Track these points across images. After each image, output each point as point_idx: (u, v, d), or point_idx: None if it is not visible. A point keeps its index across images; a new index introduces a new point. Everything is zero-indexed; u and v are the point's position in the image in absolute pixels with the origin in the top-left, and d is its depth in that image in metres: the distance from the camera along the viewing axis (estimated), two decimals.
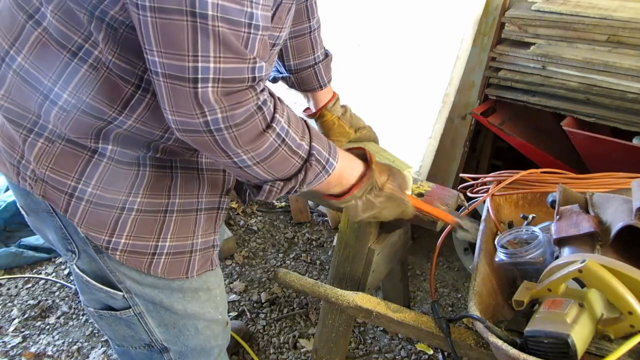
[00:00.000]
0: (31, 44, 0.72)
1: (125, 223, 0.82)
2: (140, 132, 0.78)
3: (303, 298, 1.97)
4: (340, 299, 1.13)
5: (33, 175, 0.78)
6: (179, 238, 0.88)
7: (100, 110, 0.74)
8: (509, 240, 1.12)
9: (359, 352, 1.75)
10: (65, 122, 0.74)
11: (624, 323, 0.82)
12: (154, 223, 0.85)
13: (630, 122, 1.57)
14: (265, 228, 2.39)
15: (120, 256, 0.83)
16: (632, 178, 1.18)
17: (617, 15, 1.54)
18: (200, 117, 0.66)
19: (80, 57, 0.71)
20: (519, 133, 1.81)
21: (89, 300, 0.95)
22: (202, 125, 0.67)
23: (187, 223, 0.89)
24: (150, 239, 0.85)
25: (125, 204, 0.82)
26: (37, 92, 0.74)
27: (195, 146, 0.73)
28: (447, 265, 2.15)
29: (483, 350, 0.98)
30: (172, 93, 0.65)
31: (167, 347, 0.98)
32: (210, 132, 0.68)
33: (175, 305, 0.93)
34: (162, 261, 0.87)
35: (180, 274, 0.90)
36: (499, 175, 1.33)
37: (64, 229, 0.85)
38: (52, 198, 0.80)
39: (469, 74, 1.91)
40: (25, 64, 0.73)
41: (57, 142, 0.76)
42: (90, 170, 0.78)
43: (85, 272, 0.90)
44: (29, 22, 0.72)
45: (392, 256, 1.42)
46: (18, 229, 2.33)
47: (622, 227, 0.94)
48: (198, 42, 0.60)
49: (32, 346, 1.78)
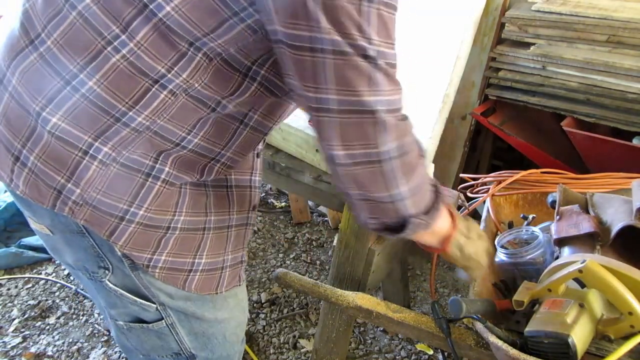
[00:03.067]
0: (107, 70, 0.71)
1: (168, 241, 0.83)
2: (201, 150, 0.80)
3: (303, 298, 1.97)
4: (340, 299, 1.13)
5: (80, 199, 0.76)
6: (213, 255, 0.90)
7: (173, 132, 0.76)
8: (509, 241, 1.13)
9: (359, 352, 1.75)
10: (134, 141, 0.75)
11: (624, 323, 0.82)
12: (193, 241, 0.86)
13: (630, 122, 1.57)
14: (265, 228, 2.39)
15: (159, 274, 0.84)
16: (632, 178, 1.19)
17: (617, 16, 1.54)
18: (376, 148, 0.70)
19: (161, 84, 0.71)
20: (519, 133, 1.81)
21: (120, 314, 0.95)
22: (377, 155, 0.71)
23: (221, 240, 0.90)
24: (188, 256, 0.87)
25: (171, 223, 0.83)
26: (108, 115, 0.73)
27: (350, 181, 0.74)
28: (447, 265, 2.15)
29: (483, 350, 0.98)
30: (347, 127, 0.68)
31: (195, 354, 0.99)
32: (381, 163, 0.71)
33: (206, 315, 0.94)
34: (196, 277, 0.89)
35: (211, 290, 0.91)
36: (499, 175, 1.33)
37: (97, 248, 0.84)
38: (96, 222, 0.78)
39: (469, 74, 1.91)
40: (98, 88, 0.71)
41: (112, 166, 0.75)
42: (144, 194, 0.78)
43: (118, 286, 0.89)
44: (107, 48, 0.70)
45: (392, 256, 1.42)
46: (18, 229, 2.33)
47: (622, 227, 0.94)
48: (372, 78, 0.66)
49: (32, 346, 1.78)
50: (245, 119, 0.82)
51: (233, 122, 0.81)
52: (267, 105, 0.82)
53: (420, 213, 0.79)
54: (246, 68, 0.74)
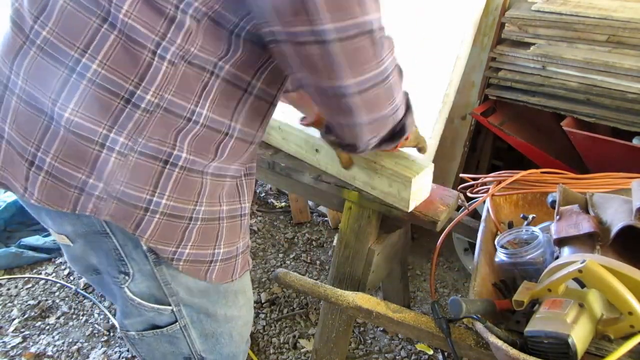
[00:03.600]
0: (107, 49, 0.69)
1: (191, 233, 0.83)
2: (212, 124, 0.78)
3: (303, 298, 1.97)
4: (340, 299, 1.13)
5: (103, 193, 0.75)
6: (228, 244, 0.90)
7: (181, 106, 0.74)
8: (509, 241, 1.13)
9: (359, 352, 1.75)
10: (147, 125, 0.73)
11: (624, 323, 0.82)
12: (213, 231, 0.87)
13: (630, 122, 1.57)
14: (265, 228, 2.39)
15: (183, 266, 0.85)
16: (632, 178, 1.19)
17: (617, 16, 1.54)
18: (380, 66, 0.72)
19: (159, 54, 0.70)
20: (519, 133, 1.81)
21: (134, 323, 0.95)
22: (382, 73, 0.73)
23: (235, 229, 0.91)
24: (209, 247, 0.87)
25: (193, 214, 0.83)
26: (118, 98, 0.71)
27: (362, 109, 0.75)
28: (447, 265, 2.15)
29: (483, 350, 0.98)
30: (352, 54, 0.68)
31: (204, 357, 1.00)
32: (385, 80, 0.74)
33: (218, 311, 0.95)
34: (216, 268, 0.89)
35: (227, 278, 0.92)
36: (499, 175, 1.33)
37: (120, 250, 0.84)
38: (121, 216, 0.78)
39: (469, 74, 1.91)
40: (103, 70, 0.70)
41: (130, 156, 0.74)
42: (164, 181, 0.78)
43: (136, 294, 0.89)
44: (104, 26, 0.69)
45: (392, 256, 1.42)
46: (18, 229, 2.33)
47: (622, 227, 0.94)
48: None
49: (32, 346, 1.78)
50: (249, 88, 0.80)
51: (237, 90, 0.79)
52: (268, 71, 0.81)
53: (408, 113, 0.87)
54: (232, 25, 0.72)
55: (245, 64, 0.77)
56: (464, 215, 1.30)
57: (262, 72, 0.80)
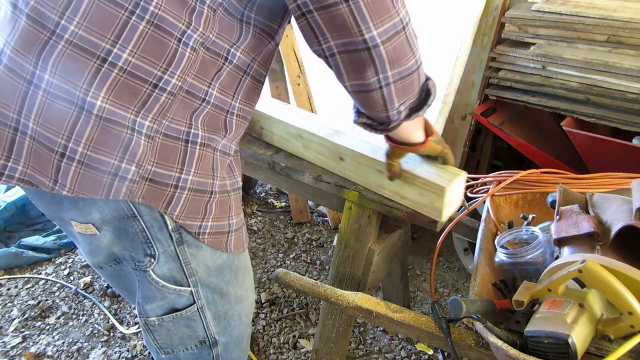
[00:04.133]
0: (137, 39, 0.74)
1: (211, 206, 0.90)
2: (219, 103, 0.86)
3: (303, 298, 1.97)
4: (340, 299, 1.13)
5: (136, 175, 0.80)
6: (237, 214, 0.97)
7: (199, 88, 0.81)
8: (509, 241, 1.13)
9: (359, 352, 1.75)
10: (170, 107, 0.79)
11: (624, 323, 0.82)
12: (226, 203, 0.93)
13: (630, 122, 1.57)
14: (265, 228, 2.39)
15: (208, 239, 0.91)
16: (632, 178, 1.19)
17: (617, 16, 1.54)
18: (398, 15, 0.76)
19: (184, 42, 0.76)
20: (519, 133, 1.81)
21: (155, 308, 0.98)
22: (400, 22, 0.77)
23: (237, 200, 0.97)
24: (225, 218, 0.93)
25: (212, 187, 0.89)
26: (146, 84, 0.76)
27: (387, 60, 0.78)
28: (447, 265, 2.15)
29: (483, 350, 0.98)
30: (373, 4, 0.73)
31: (217, 340, 1.04)
32: (404, 29, 0.79)
33: (230, 291, 1.00)
34: (233, 237, 0.96)
35: (241, 247, 0.99)
36: (499, 175, 1.33)
37: (147, 232, 0.88)
38: (153, 196, 0.82)
39: (469, 74, 1.91)
40: (133, 59, 0.74)
41: (156, 137, 0.80)
42: (189, 159, 0.84)
43: (160, 276, 0.93)
44: (132, 18, 0.73)
45: (392, 256, 1.42)
46: (18, 229, 2.33)
47: (622, 227, 0.94)
48: None
49: (32, 346, 1.78)
50: (248, 69, 0.87)
51: (239, 72, 0.86)
52: (263, 54, 0.89)
53: (429, 78, 0.89)
54: (240, 14, 0.81)
55: (251, 49, 0.85)
56: (464, 215, 1.30)
57: (259, 54, 0.88)
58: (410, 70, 0.81)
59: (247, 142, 1.42)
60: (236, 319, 1.05)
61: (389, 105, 0.84)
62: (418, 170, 1.10)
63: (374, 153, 1.18)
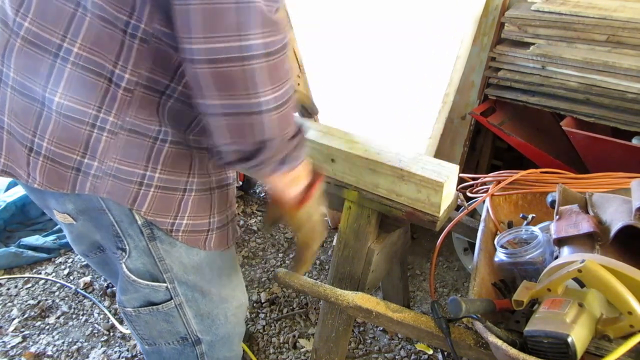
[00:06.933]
0: (85, 32, 0.72)
1: (186, 204, 0.87)
2: (185, 98, 0.80)
3: (303, 298, 1.97)
4: (340, 299, 1.13)
5: (99, 171, 0.79)
6: (220, 212, 0.94)
7: (158, 81, 0.77)
8: (508, 240, 1.13)
9: (358, 352, 1.75)
10: (131, 103, 0.76)
11: (623, 323, 0.82)
12: (207, 201, 0.90)
13: (630, 122, 1.57)
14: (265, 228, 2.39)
15: (182, 236, 0.89)
16: (632, 178, 1.19)
17: (616, 15, 1.54)
18: (239, 41, 0.64)
19: (130, 33, 0.73)
20: (519, 133, 1.81)
21: (130, 299, 0.97)
22: (239, 50, 0.64)
23: (224, 197, 0.95)
24: (205, 217, 0.91)
25: (187, 185, 0.86)
26: (101, 78, 0.74)
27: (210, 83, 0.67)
28: (447, 265, 2.15)
29: (483, 350, 0.98)
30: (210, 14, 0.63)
31: (201, 338, 1.03)
32: (244, 60, 0.65)
33: (212, 290, 0.98)
34: (214, 236, 0.93)
35: (224, 244, 0.96)
36: (499, 175, 1.33)
37: (116, 226, 0.87)
38: (118, 192, 0.81)
39: (468, 74, 1.91)
40: (84, 52, 0.73)
41: (120, 134, 0.78)
42: (155, 156, 0.82)
43: (132, 271, 0.93)
44: (78, 10, 0.72)
45: (392, 256, 1.42)
46: (18, 229, 2.33)
47: (622, 227, 0.94)
48: None
49: (32, 346, 1.78)
50: None
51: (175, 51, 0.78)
52: None
53: (283, 137, 0.75)
54: None
55: None
56: (463, 214, 1.30)
57: None
58: (243, 110, 0.70)
59: None
60: (222, 318, 1.03)
61: (214, 137, 0.74)
62: (413, 168, 1.13)
63: (366, 152, 1.19)
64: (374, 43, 1.96)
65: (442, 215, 1.14)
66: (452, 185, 1.14)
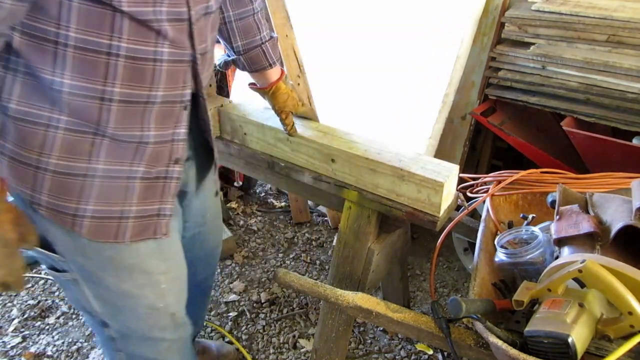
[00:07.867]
0: None
1: (46, 181, 0.88)
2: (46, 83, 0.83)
3: (303, 298, 1.97)
4: (340, 299, 1.13)
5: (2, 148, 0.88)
6: (104, 203, 0.91)
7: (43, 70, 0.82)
8: (508, 241, 1.12)
9: (358, 352, 1.75)
10: (12, 86, 0.83)
11: (623, 323, 0.82)
12: (75, 185, 0.89)
13: (630, 122, 1.57)
14: (265, 228, 2.39)
15: (45, 212, 0.90)
16: (632, 178, 1.18)
17: (617, 15, 1.54)
18: None
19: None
20: (519, 133, 1.81)
21: (40, 258, 1.01)
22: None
23: (117, 190, 0.91)
24: (71, 201, 0.89)
25: (46, 165, 0.87)
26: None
27: None
28: (447, 265, 2.15)
29: (483, 350, 0.98)
30: None
31: (106, 322, 1.03)
32: None
33: (108, 280, 0.97)
34: (86, 222, 0.91)
35: (108, 237, 0.93)
36: (499, 175, 1.33)
37: None
38: (16, 174, 0.88)
39: (469, 74, 1.91)
40: None
41: (14, 119, 0.85)
42: (49, 142, 0.86)
43: None
44: None
45: (392, 256, 1.42)
46: None
47: (622, 227, 0.94)
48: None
49: (31, 346, 1.78)
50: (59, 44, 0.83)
51: None
52: None
53: None
54: None
55: None
56: (463, 215, 1.30)
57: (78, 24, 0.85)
58: None
59: None
60: (128, 313, 1.02)
61: None
62: (414, 168, 1.13)
63: (366, 152, 1.18)
64: (374, 43, 1.96)
65: (442, 215, 1.14)
66: (452, 185, 1.15)
